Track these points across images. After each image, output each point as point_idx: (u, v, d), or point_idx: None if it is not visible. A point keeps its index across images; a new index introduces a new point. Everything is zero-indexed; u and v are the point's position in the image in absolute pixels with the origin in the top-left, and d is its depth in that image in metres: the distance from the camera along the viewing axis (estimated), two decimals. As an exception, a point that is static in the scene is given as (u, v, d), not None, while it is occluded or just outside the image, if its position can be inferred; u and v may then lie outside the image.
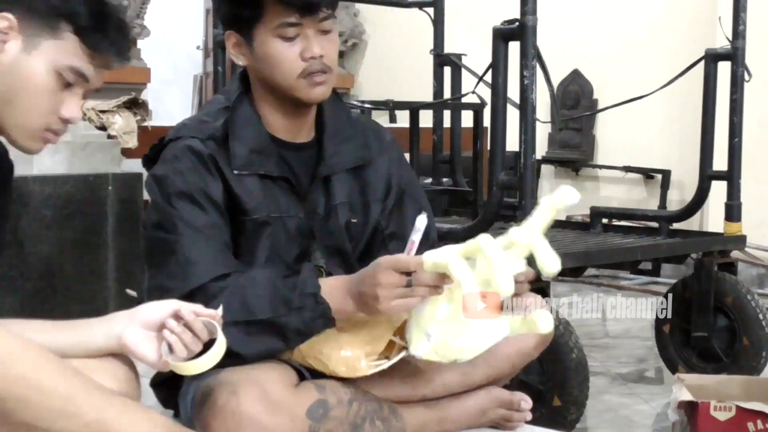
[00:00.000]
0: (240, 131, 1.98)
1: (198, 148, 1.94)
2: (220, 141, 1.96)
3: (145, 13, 6.37)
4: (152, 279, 1.91)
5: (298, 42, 1.93)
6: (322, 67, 1.95)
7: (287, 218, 1.99)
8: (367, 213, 2.09)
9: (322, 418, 1.84)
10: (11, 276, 2.88)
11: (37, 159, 3.03)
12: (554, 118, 5.08)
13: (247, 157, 1.96)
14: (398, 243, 2.09)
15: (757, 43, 4.48)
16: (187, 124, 2.01)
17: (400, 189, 2.14)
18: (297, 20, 1.92)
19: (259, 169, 1.97)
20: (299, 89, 1.96)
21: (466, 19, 5.84)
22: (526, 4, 2.77)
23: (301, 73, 1.94)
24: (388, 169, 2.13)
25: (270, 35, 1.93)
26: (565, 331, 2.74)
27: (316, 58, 1.93)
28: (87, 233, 3.04)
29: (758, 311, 3.41)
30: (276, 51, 1.94)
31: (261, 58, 1.96)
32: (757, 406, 2.50)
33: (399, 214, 2.13)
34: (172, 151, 1.96)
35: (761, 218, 5.20)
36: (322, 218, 2.03)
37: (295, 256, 2.00)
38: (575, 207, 1.81)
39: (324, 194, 2.04)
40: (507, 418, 2.10)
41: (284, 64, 1.94)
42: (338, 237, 2.04)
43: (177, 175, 1.93)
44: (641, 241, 3.45)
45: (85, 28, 1.58)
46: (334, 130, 2.07)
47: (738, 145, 3.53)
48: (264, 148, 1.98)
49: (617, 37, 6.21)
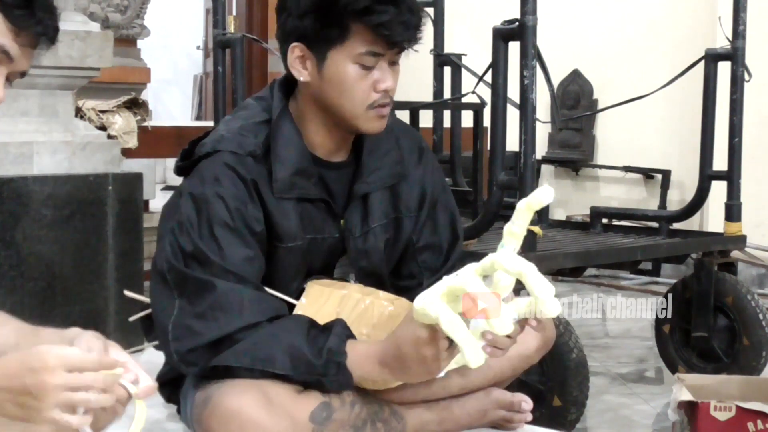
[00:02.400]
0: (282, 151, 1.91)
1: (238, 170, 1.87)
2: (260, 159, 1.90)
3: (145, 13, 6.37)
4: (181, 314, 1.83)
5: (373, 72, 1.87)
6: (390, 101, 1.91)
7: (321, 239, 1.97)
8: (400, 229, 2.06)
9: (326, 421, 1.84)
10: (11, 276, 2.88)
11: (37, 159, 3.03)
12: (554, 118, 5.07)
13: (288, 180, 1.90)
14: (430, 254, 2.08)
15: (757, 43, 4.48)
16: (226, 137, 1.91)
17: (433, 198, 2.10)
18: (382, 51, 1.86)
19: (300, 193, 1.92)
20: (364, 120, 1.90)
21: (466, 19, 5.84)
22: (526, 4, 2.77)
23: (371, 105, 1.88)
24: (423, 180, 2.08)
25: (348, 60, 1.85)
26: (565, 331, 2.74)
27: (388, 91, 1.89)
28: (87, 233, 3.04)
29: (758, 311, 3.41)
30: (351, 78, 1.86)
31: (330, 80, 1.88)
32: (757, 406, 2.50)
33: (431, 224, 2.10)
34: (212, 169, 1.88)
35: (761, 218, 5.20)
36: (359, 239, 2.00)
37: (319, 269, 1.99)
38: (575, 207, 1.80)
39: (361, 213, 2.00)
40: (507, 419, 2.10)
41: (356, 93, 1.87)
42: (375, 260, 2.03)
43: (219, 201, 1.85)
44: (641, 241, 3.45)
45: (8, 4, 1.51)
46: (372, 146, 2.01)
47: (738, 145, 3.53)
48: (305, 169, 1.92)
49: (617, 37, 6.21)
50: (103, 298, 3.05)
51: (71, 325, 1.55)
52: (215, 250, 1.83)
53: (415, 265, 2.09)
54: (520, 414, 2.11)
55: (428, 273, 2.09)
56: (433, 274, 2.08)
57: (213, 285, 1.81)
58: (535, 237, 2.83)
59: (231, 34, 3.61)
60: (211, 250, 1.83)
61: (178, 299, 1.84)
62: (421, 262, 2.08)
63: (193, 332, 1.81)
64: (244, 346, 1.79)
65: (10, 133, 3.01)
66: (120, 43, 5.33)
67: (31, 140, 3.03)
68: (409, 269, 2.09)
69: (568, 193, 6.42)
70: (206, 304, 1.81)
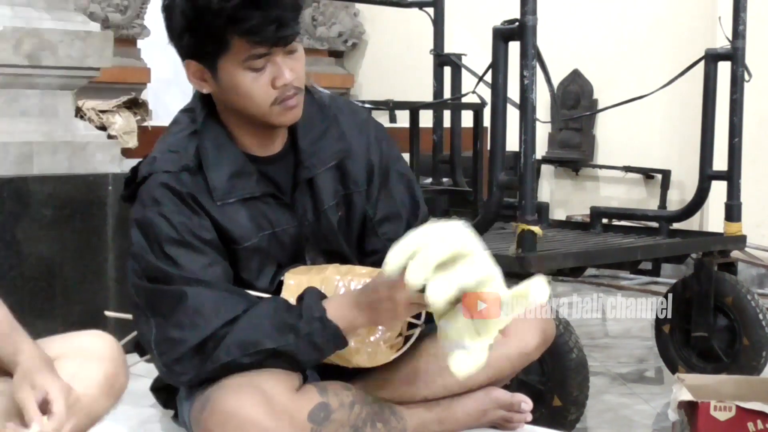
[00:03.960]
0: (213, 158, 1.91)
1: (174, 186, 1.87)
2: (194, 171, 1.90)
3: (145, 13, 6.37)
4: (159, 329, 1.84)
5: (266, 70, 1.85)
6: (294, 91, 1.88)
7: (280, 232, 1.96)
8: (351, 205, 2.04)
9: (324, 421, 1.84)
10: (11, 276, 2.88)
11: (36, 159, 3.03)
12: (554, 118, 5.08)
13: (226, 184, 1.90)
14: (391, 224, 2.06)
15: (757, 43, 4.48)
16: (158, 158, 1.92)
17: (383, 168, 2.07)
18: (266, 51, 1.84)
19: (241, 193, 1.91)
20: (272, 116, 1.89)
21: (466, 19, 5.84)
22: (526, 4, 2.77)
23: (274, 101, 1.87)
24: (367, 151, 2.05)
25: (237, 67, 1.84)
26: (565, 331, 2.74)
27: (287, 84, 1.87)
28: (87, 233, 3.04)
29: (758, 311, 3.41)
30: (245, 83, 1.85)
31: (228, 89, 1.88)
32: (757, 406, 2.50)
33: (387, 194, 2.08)
34: (149, 192, 1.89)
35: (761, 218, 5.20)
36: (313, 223, 2.00)
37: (288, 260, 1.99)
38: (575, 207, 1.80)
39: (310, 197, 1.99)
40: (507, 419, 2.10)
41: (255, 95, 1.86)
42: (333, 240, 2.02)
43: (162, 220, 1.86)
44: (641, 241, 3.45)
45: None
46: (307, 129, 1.99)
47: (738, 145, 3.53)
48: (241, 169, 1.92)
49: (617, 37, 6.21)
50: (103, 298, 3.05)
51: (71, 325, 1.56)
52: (173, 266, 1.85)
53: (377, 240, 2.06)
54: (519, 414, 2.11)
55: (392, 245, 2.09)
56: None
57: (183, 293, 1.82)
58: (535, 237, 2.83)
59: (231, 34, 3.60)
60: (169, 267, 1.85)
61: (153, 318, 1.85)
62: (382, 235, 2.05)
63: (175, 342, 1.82)
64: (230, 339, 1.79)
65: (10, 133, 3.00)
66: (120, 43, 5.33)
67: (31, 140, 3.03)
68: (372, 245, 2.07)
69: (568, 193, 6.42)
70: (181, 313, 1.82)
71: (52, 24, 3.05)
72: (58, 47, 3.03)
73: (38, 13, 3.06)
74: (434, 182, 4.05)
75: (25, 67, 2.98)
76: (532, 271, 2.80)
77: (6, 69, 2.96)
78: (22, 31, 2.96)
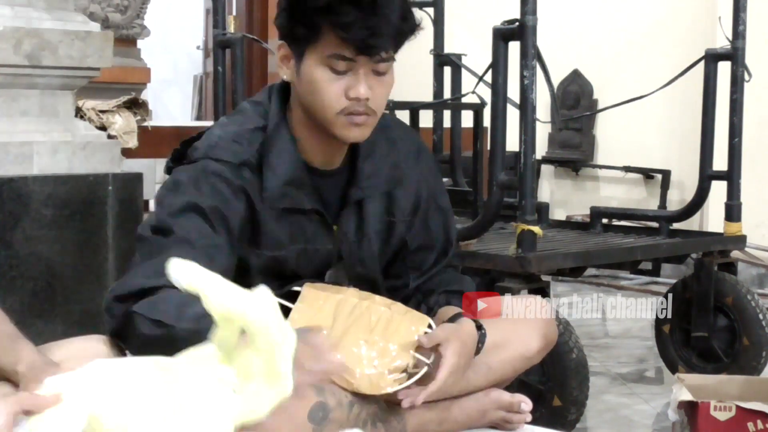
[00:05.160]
0: (275, 160, 1.88)
1: (228, 177, 1.84)
2: (254, 167, 1.88)
3: (145, 13, 6.37)
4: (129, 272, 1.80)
5: (346, 78, 1.82)
6: (365, 110, 1.84)
7: (312, 250, 1.95)
8: (392, 232, 2.04)
9: (323, 420, 1.84)
10: (11, 276, 2.87)
11: (36, 159, 3.03)
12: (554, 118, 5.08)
13: (280, 189, 1.88)
14: (420, 254, 2.07)
15: (757, 43, 4.48)
16: (220, 144, 1.89)
17: (428, 200, 2.08)
18: (351, 56, 1.80)
19: (291, 203, 1.89)
20: (336, 126, 1.85)
21: (466, 19, 5.84)
22: (526, 4, 2.77)
23: (342, 111, 1.83)
24: (418, 183, 2.05)
25: (320, 62, 1.82)
26: (565, 331, 2.74)
27: (361, 100, 1.82)
28: (87, 233, 3.03)
29: (758, 311, 3.41)
30: (322, 80, 1.82)
31: (304, 81, 1.85)
32: (757, 406, 2.49)
33: (424, 225, 2.08)
34: (198, 170, 1.86)
35: (761, 218, 5.20)
36: (353, 244, 1.98)
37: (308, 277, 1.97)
38: (575, 207, 1.79)
39: (356, 219, 1.98)
40: (507, 420, 2.10)
41: (326, 97, 1.83)
42: (370, 266, 2.02)
43: (196, 191, 1.83)
44: (641, 241, 3.45)
45: None
46: (368, 150, 1.97)
47: (738, 145, 3.53)
48: (298, 179, 1.90)
49: (617, 37, 6.21)
50: (103, 298, 3.05)
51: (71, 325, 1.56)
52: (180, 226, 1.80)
53: (403, 266, 2.08)
54: (519, 414, 2.11)
55: (416, 273, 2.09)
56: (420, 275, 2.08)
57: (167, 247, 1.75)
58: (535, 237, 2.83)
59: (231, 34, 3.61)
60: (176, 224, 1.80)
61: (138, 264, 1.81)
62: (410, 262, 2.08)
63: (124, 284, 1.78)
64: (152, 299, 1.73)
65: (10, 133, 3.00)
66: (120, 43, 5.33)
67: (31, 140, 3.02)
68: (397, 270, 2.09)
69: (568, 193, 6.42)
70: (152, 264, 1.75)
71: (52, 24, 3.05)
72: (58, 47, 3.03)
73: (38, 13, 3.06)
74: (434, 182, 4.05)
75: (25, 67, 2.98)
76: (532, 271, 2.81)
77: (6, 69, 2.95)
78: (22, 31, 2.95)
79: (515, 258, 2.82)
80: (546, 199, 6.13)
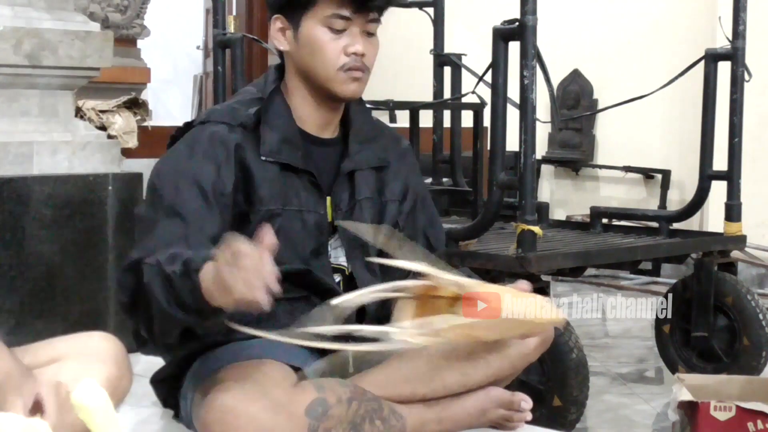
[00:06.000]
0: (272, 120, 2.01)
1: (224, 136, 1.96)
2: (250, 128, 1.99)
3: (145, 13, 6.37)
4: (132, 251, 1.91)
5: (344, 36, 1.99)
6: (362, 65, 2.01)
7: (306, 213, 2.01)
8: (384, 213, 2.12)
9: (322, 416, 1.84)
10: (11, 276, 2.87)
11: (36, 159, 3.03)
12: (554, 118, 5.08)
13: (276, 144, 1.99)
14: None
15: (757, 43, 4.47)
16: (218, 110, 2.04)
17: (414, 197, 2.19)
18: (348, 14, 1.98)
19: (287, 158, 2.00)
20: (336, 82, 2.00)
21: (466, 19, 5.84)
22: (526, 4, 2.77)
23: (342, 67, 1.99)
24: (407, 176, 2.18)
25: (318, 24, 1.98)
26: (565, 331, 2.74)
27: (359, 54, 1.99)
28: (87, 233, 3.03)
29: (758, 311, 3.41)
30: (322, 40, 1.99)
31: (304, 45, 2.00)
32: (757, 406, 2.49)
33: (411, 224, 2.18)
34: (195, 134, 1.99)
35: (761, 218, 5.21)
36: (346, 213, 2.06)
37: (311, 251, 2.01)
38: (575, 207, 1.80)
39: (348, 190, 2.07)
40: (507, 419, 2.10)
41: (327, 54, 1.99)
42: None
43: (189, 157, 1.95)
44: (641, 241, 3.45)
45: None
46: (359, 129, 2.12)
47: (738, 145, 3.53)
48: (293, 139, 2.02)
49: (617, 37, 6.21)
50: (103, 298, 3.05)
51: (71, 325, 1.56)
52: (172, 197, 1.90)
53: None
54: (519, 413, 2.11)
55: None
56: None
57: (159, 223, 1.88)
58: (535, 237, 2.83)
59: (231, 34, 3.61)
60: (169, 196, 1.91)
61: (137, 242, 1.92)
62: None
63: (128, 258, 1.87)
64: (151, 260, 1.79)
65: (10, 133, 3.00)
66: (120, 43, 5.33)
67: (31, 140, 3.02)
68: None
69: (568, 193, 6.42)
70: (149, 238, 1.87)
71: (52, 24, 3.05)
72: (58, 47, 3.03)
73: (38, 13, 3.06)
74: (434, 182, 4.06)
75: (25, 67, 2.98)
76: (532, 271, 2.81)
77: (6, 69, 2.95)
78: (22, 31, 2.95)
79: (515, 258, 2.82)
80: (546, 199, 6.13)
